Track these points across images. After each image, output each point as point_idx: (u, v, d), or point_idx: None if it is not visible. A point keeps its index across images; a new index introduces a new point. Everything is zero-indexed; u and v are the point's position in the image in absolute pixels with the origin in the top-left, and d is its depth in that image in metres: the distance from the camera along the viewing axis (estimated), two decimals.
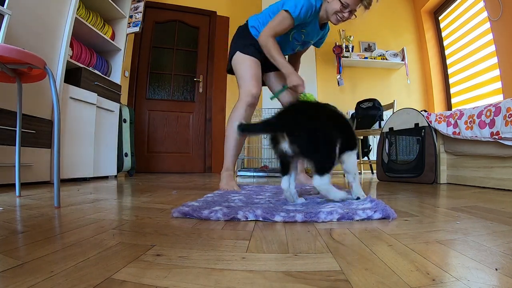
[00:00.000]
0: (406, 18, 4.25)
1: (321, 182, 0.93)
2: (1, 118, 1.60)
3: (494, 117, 1.65)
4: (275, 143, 0.98)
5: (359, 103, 3.37)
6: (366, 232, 0.69)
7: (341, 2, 1.47)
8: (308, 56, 3.76)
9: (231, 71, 1.72)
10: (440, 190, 1.68)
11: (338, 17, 1.52)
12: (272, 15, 1.58)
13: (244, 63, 1.61)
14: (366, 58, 3.98)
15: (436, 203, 1.16)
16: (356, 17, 1.56)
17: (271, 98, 1.72)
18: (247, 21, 1.74)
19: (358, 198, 1.04)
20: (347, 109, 3.87)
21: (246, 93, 1.56)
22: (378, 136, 2.65)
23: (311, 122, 0.95)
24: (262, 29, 1.58)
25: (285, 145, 0.93)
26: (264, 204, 1.02)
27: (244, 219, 0.81)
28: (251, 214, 0.82)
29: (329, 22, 1.65)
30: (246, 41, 1.63)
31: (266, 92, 3.61)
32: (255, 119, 3.49)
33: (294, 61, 1.87)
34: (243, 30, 1.71)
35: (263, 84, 1.78)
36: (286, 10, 1.48)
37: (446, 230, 0.70)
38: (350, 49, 3.93)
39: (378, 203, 0.91)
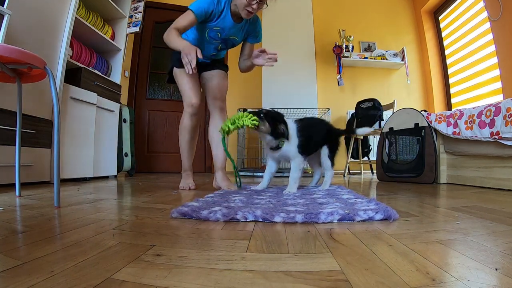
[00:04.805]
0: (406, 18, 4.25)
1: None
2: (1, 118, 1.60)
3: (494, 117, 1.65)
4: None
5: (359, 103, 3.37)
6: (366, 232, 0.69)
7: None
8: (308, 56, 3.76)
9: (169, 80, 1.83)
10: (440, 190, 1.68)
11: (247, 10, 1.55)
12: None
13: (182, 77, 1.69)
14: (366, 58, 3.98)
15: (436, 203, 1.16)
16: (267, 5, 1.59)
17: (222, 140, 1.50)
18: None
19: None
20: (347, 109, 3.87)
21: (188, 104, 1.67)
22: (378, 136, 2.64)
23: None
24: (184, 36, 1.64)
25: None
26: (264, 204, 1.02)
27: (244, 220, 0.81)
28: (251, 214, 0.82)
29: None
30: (179, 54, 1.56)
31: (265, 93, 3.62)
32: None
33: (247, 60, 1.81)
34: None
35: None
36: (188, 8, 1.55)
37: (446, 230, 0.70)
38: (350, 49, 3.93)
39: (381, 204, 0.91)
